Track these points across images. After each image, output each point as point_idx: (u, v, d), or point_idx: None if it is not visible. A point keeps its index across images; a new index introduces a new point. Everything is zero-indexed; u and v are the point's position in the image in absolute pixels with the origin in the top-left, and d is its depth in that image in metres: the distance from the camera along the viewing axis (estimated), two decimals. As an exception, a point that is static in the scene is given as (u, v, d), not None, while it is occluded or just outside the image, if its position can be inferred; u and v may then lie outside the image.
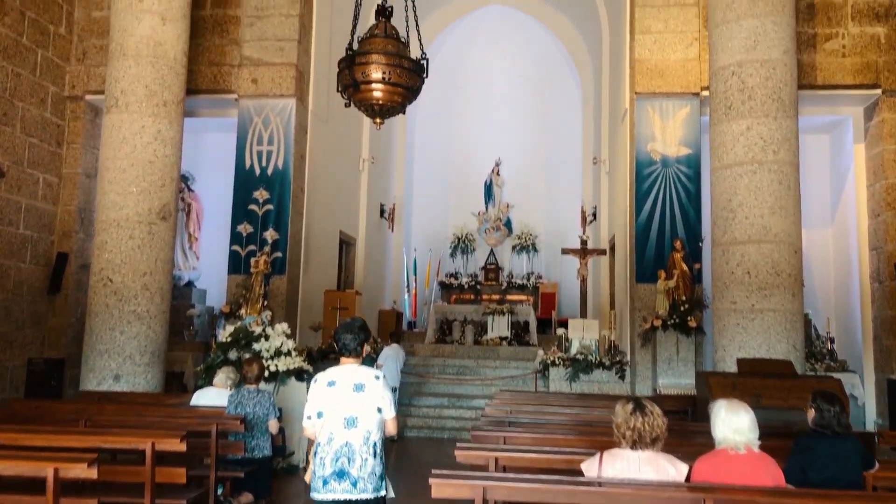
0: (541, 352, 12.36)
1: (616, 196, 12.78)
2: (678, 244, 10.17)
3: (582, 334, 11.39)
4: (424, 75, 5.89)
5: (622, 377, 10.76)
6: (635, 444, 3.19)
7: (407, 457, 9.58)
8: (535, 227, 18.66)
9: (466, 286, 18.21)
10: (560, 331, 11.65)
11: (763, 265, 7.37)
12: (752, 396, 6.99)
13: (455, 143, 19.16)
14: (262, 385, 6.57)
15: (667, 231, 10.43)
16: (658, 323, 10.00)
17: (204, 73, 11.13)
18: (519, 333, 14.99)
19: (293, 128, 10.94)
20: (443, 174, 19.14)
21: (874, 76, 10.22)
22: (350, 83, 5.71)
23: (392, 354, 11.01)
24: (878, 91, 10.22)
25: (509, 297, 17.64)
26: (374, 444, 3.74)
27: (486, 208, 18.72)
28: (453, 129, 19.13)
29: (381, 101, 5.71)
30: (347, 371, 3.81)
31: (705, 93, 10.41)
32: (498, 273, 18.36)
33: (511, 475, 3.84)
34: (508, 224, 18.67)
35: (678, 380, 10.00)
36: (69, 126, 11.11)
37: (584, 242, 13.03)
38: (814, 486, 3.34)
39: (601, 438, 5.02)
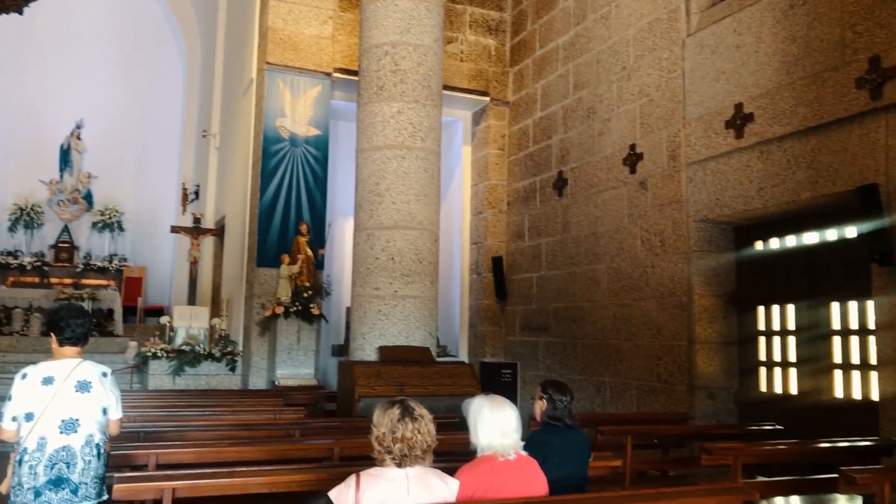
0: (134, 343, 10.77)
1: (230, 174, 11.77)
2: (304, 228, 9.70)
3: (189, 323, 10.17)
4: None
5: (233, 369, 9.91)
6: (404, 460, 2.51)
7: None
8: (121, 202, 16.46)
9: (30, 267, 15.28)
10: (164, 319, 10.22)
11: (408, 252, 7.26)
12: (397, 385, 6.83)
13: (23, 96, 15.89)
14: None
15: (292, 214, 9.89)
16: (280, 310, 9.38)
17: None
18: (101, 323, 13.01)
19: None
20: (3, 131, 15.70)
21: (485, 84, 11.04)
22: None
23: None
24: (487, 99, 11.06)
25: (86, 280, 15.33)
26: (98, 445, 3.36)
27: (62, 177, 15.96)
28: (21, 79, 15.83)
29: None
30: (69, 366, 3.31)
31: (337, 74, 10.14)
32: (73, 253, 15.77)
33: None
34: (89, 197, 16.15)
35: (297, 370, 9.53)
36: None
37: (197, 220, 11.73)
38: (551, 483, 3.06)
39: (279, 446, 4.23)
